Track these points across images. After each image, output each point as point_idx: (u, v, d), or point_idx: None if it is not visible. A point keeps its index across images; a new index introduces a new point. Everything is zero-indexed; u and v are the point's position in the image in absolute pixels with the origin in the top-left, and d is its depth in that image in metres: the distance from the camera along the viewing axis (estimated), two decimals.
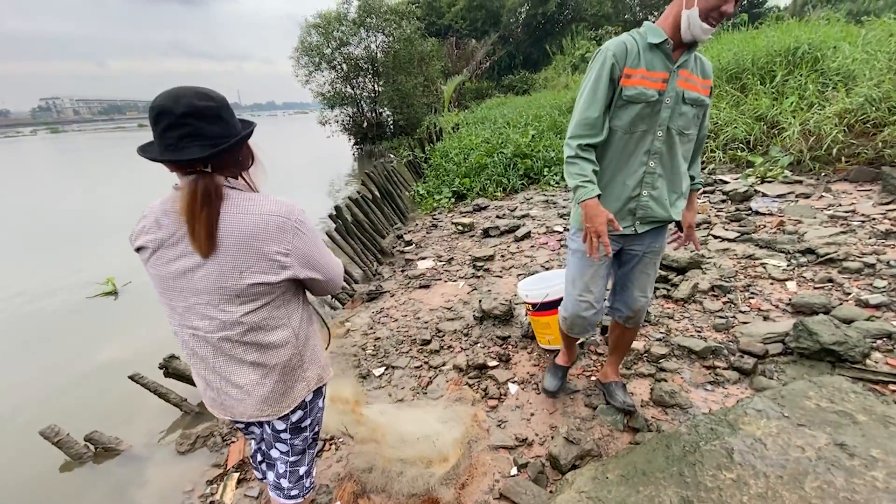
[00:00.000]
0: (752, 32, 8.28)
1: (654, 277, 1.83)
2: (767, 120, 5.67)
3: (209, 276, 1.03)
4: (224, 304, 1.05)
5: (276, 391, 1.16)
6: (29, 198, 12.57)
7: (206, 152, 0.97)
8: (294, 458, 1.33)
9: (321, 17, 15.74)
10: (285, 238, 1.04)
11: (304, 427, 1.30)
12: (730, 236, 3.65)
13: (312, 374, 1.23)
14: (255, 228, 1.01)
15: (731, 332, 2.48)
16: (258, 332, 1.09)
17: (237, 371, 1.12)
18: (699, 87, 1.52)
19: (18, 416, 3.09)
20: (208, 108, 0.98)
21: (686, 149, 1.60)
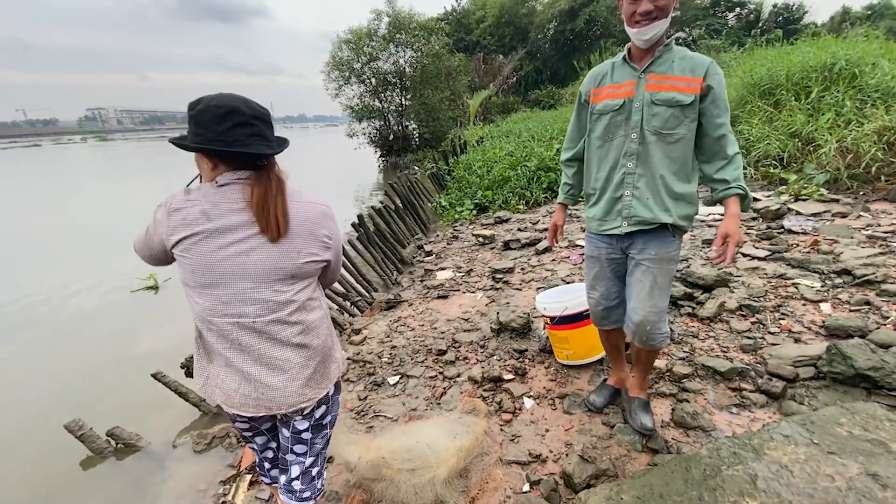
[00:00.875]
0: (786, 48, 8.08)
1: (657, 291, 1.67)
2: (802, 136, 5.49)
3: (268, 258, 1.11)
4: (278, 285, 1.13)
5: (318, 372, 1.22)
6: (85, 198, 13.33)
7: (274, 150, 1.13)
8: (310, 460, 1.35)
9: (352, 32, 16.21)
10: (328, 224, 1.21)
11: (325, 424, 1.33)
12: (760, 254, 3.52)
13: (339, 355, 1.32)
14: (309, 214, 1.16)
15: (759, 354, 2.37)
16: (303, 311, 1.18)
17: (283, 355, 1.16)
18: (680, 85, 1.52)
19: (52, 406, 3.22)
20: (267, 116, 1.14)
21: (672, 149, 1.58)
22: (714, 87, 1.51)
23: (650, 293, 1.69)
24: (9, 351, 4.25)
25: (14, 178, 21.27)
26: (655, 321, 1.70)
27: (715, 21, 21.44)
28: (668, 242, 1.67)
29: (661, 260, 1.67)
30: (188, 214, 1.09)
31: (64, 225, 9.82)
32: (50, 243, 8.24)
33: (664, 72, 1.55)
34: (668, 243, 1.67)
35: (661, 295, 1.70)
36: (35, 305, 5.27)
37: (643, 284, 1.69)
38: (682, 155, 1.59)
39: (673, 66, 1.54)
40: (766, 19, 22.44)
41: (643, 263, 1.69)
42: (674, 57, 1.55)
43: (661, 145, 1.59)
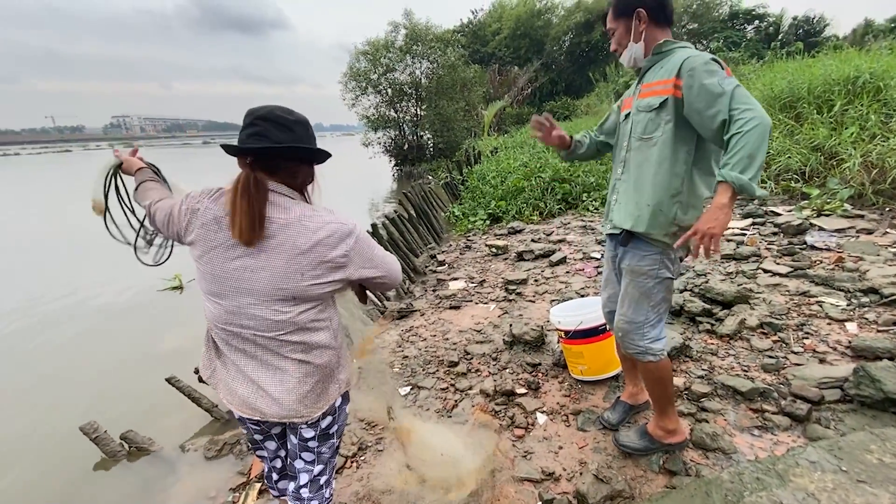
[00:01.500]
0: (807, 61, 7.96)
1: (627, 301, 1.68)
2: (825, 150, 5.37)
3: (271, 277, 1.08)
4: (278, 304, 1.11)
5: (315, 391, 1.20)
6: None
7: (256, 146, 1.06)
8: (318, 468, 1.35)
9: (370, 44, 16.48)
10: (344, 243, 1.12)
11: (331, 434, 1.33)
12: (781, 271, 3.43)
13: (344, 376, 1.29)
14: (323, 236, 1.09)
15: (781, 374, 2.29)
16: (305, 332, 1.15)
17: (281, 368, 1.16)
18: (657, 89, 1.50)
19: (71, 405, 3.30)
20: (283, 118, 1.09)
21: (649, 154, 1.53)
22: (686, 80, 1.40)
23: (622, 302, 1.72)
24: (32, 348, 4.36)
25: (54, 182, 22.19)
26: (627, 331, 1.71)
27: (733, 34, 21.26)
28: (642, 256, 1.63)
29: (631, 272, 1.67)
30: (204, 219, 1.11)
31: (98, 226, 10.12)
32: (84, 243, 8.56)
33: (651, 78, 1.55)
34: (642, 257, 1.63)
35: (631, 306, 1.68)
36: (61, 304, 5.48)
37: (623, 292, 1.73)
38: (658, 159, 1.51)
39: (660, 72, 1.52)
40: (785, 32, 22.19)
41: (623, 272, 1.72)
42: (667, 62, 1.50)
43: (642, 150, 1.57)
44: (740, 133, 1.28)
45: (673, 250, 1.59)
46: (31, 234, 9.74)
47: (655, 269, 1.62)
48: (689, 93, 1.40)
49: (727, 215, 1.31)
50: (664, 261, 1.62)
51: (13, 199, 16.03)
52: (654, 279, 1.63)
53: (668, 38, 1.55)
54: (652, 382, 1.77)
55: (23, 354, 4.32)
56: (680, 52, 1.48)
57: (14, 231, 10.13)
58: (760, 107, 1.30)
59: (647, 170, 1.55)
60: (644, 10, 1.51)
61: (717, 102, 1.33)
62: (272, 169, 1.11)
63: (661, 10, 1.52)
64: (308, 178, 1.18)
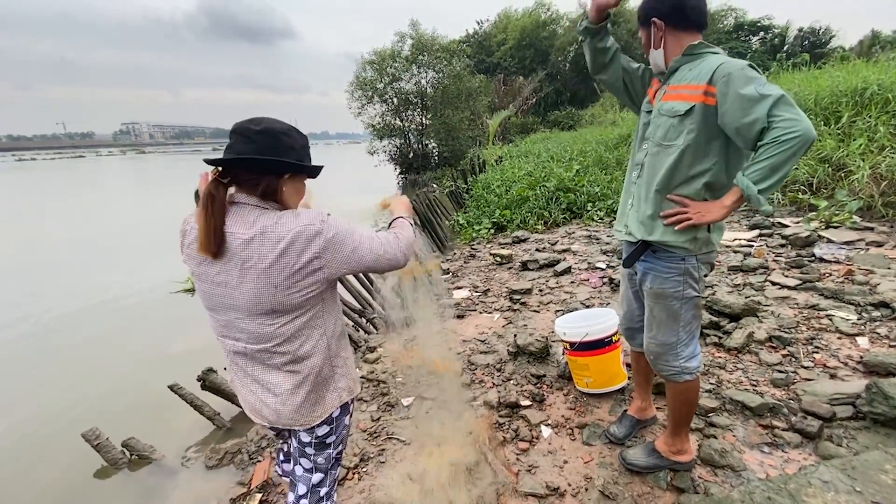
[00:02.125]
0: (814, 72, 7.95)
1: (654, 324, 1.62)
2: (832, 162, 5.34)
3: (249, 292, 1.07)
4: (261, 318, 1.11)
5: (309, 401, 1.20)
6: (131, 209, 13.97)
7: (212, 158, 1.07)
8: (316, 478, 1.33)
9: (376, 54, 16.65)
10: (314, 245, 1.08)
11: (328, 444, 1.31)
12: (790, 283, 3.38)
13: (343, 384, 1.27)
14: (281, 245, 1.05)
15: (791, 389, 2.25)
16: (291, 342, 1.14)
17: (273, 379, 1.18)
18: (683, 94, 1.42)
19: (75, 408, 3.33)
20: (247, 130, 1.08)
21: (665, 161, 1.46)
22: (721, 87, 1.32)
23: (649, 325, 1.66)
24: (41, 351, 4.41)
25: (75, 187, 22.94)
26: (659, 353, 1.65)
27: (738, 45, 21.32)
28: (665, 279, 1.54)
29: (655, 295, 1.59)
30: (189, 239, 1.13)
31: (128, 228, 10.83)
32: (102, 246, 8.98)
33: (679, 80, 1.47)
34: (665, 279, 1.54)
35: (660, 329, 1.62)
36: (72, 305, 5.62)
37: (649, 315, 1.66)
38: (673, 167, 1.45)
39: (688, 74, 1.43)
40: (791, 43, 22.23)
41: (645, 294, 1.65)
42: (698, 66, 1.42)
43: (660, 157, 1.50)
44: (774, 142, 1.21)
45: (696, 263, 1.52)
46: (51, 237, 10.06)
47: (680, 290, 1.54)
48: (723, 100, 1.31)
49: (722, 215, 1.36)
50: (687, 280, 1.54)
51: (33, 203, 16.38)
52: (681, 300, 1.56)
53: (700, 41, 1.47)
54: (680, 403, 1.71)
55: (30, 357, 4.36)
56: (713, 58, 1.39)
57: (30, 235, 10.32)
58: (806, 118, 1.21)
59: (665, 178, 1.48)
60: (659, 18, 1.46)
61: (755, 109, 1.24)
62: (236, 181, 1.10)
63: (679, 14, 1.45)
64: (272, 187, 1.11)
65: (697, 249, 1.50)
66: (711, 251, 1.56)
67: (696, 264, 1.53)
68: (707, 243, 1.52)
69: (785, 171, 1.23)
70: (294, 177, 1.15)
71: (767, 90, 1.24)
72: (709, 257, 1.57)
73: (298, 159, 1.13)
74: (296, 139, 1.13)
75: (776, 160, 1.21)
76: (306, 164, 1.15)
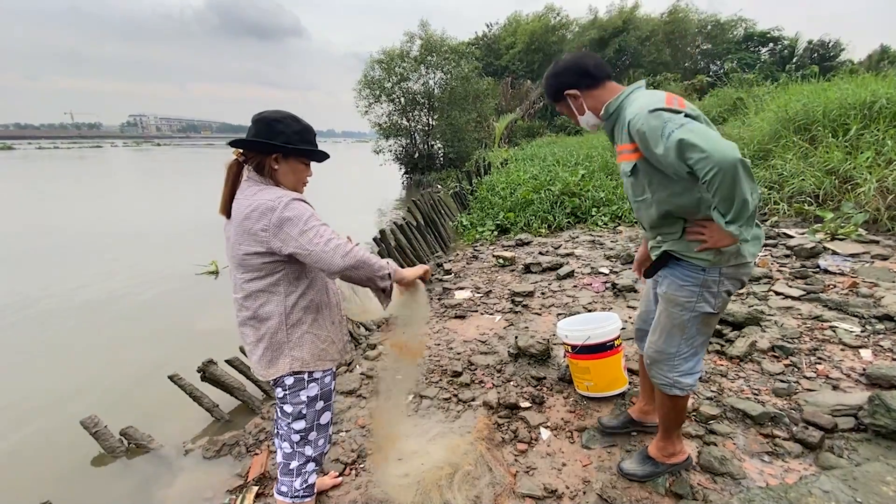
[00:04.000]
0: (823, 84, 7.93)
1: (658, 330, 1.60)
2: (839, 174, 5.32)
3: (231, 246, 1.33)
4: (235, 271, 1.36)
5: (265, 357, 1.39)
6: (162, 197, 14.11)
7: (230, 140, 1.34)
8: (286, 447, 1.49)
9: (385, 53, 16.68)
10: (266, 218, 1.25)
11: (287, 412, 1.45)
12: (794, 294, 3.37)
13: (298, 354, 1.39)
14: (249, 210, 1.26)
15: (793, 399, 2.24)
16: (253, 299, 1.34)
17: (244, 330, 1.41)
18: (625, 153, 1.43)
19: (82, 392, 3.39)
20: (253, 118, 1.35)
21: (652, 212, 1.47)
22: (640, 144, 1.33)
23: (654, 328, 1.64)
24: (56, 334, 4.50)
25: (104, 177, 23.57)
26: (656, 360, 1.63)
27: (748, 55, 21.30)
28: (680, 286, 1.49)
29: (666, 300, 1.56)
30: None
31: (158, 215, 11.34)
32: (137, 233, 9.23)
33: (617, 141, 1.48)
34: (680, 286, 1.50)
35: (662, 335, 1.59)
36: (102, 286, 5.89)
37: (656, 318, 1.65)
38: (660, 216, 1.46)
39: (619, 134, 1.45)
40: (800, 55, 22.20)
41: (659, 297, 1.63)
42: (620, 122, 1.43)
43: (643, 210, 1.52)
44: (705, 183, 1.21)
45: (718, 277, 1.44)
46: (77, 223, 10.29)
47: (693, 301, 1.48)
48: (648, 156, 1.34)
49: (730, 241, 1.33)
50: (703, 293, 1.46)
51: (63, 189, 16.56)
52: (691, 312, 1.50)
53: (612, 97, 1.47)
54: (668, 410, 1.70)
55: (47, 341, 4.43)
56: (625, 114, 1.39)
57: (58, 222, 10.50)
58: (716, 144, 1.16)
59: (657, 223, 1.50)
60: (569, 90, 1.51)
61: (671, 162, 1.24)
62: (247, 159, 1.35)
63: (586, 77, 1.49)
64: (262, 164, 1.34)
65: (724, 261, 1.42)
66: (742, 264, 1.45)
67: (718, 278, 1.45)
68: (736, 255, 1.42)
69: (739, 199, 1.19)
70: (286, 158, 1.35)
71: (671, 140, 1.21)
72: (737, 272, 1.46)
73: (286, 142, 1.32)
74: (288, 125, 1.33)
75: (721, 195, 1.20)
76: (291, 147, 1.33)
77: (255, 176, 1.33)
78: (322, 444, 1.53)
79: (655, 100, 1.30)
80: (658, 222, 1.50)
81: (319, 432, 1.50)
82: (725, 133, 7.79)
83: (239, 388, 2.81)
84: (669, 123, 1.22)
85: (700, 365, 1.61)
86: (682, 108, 1.28)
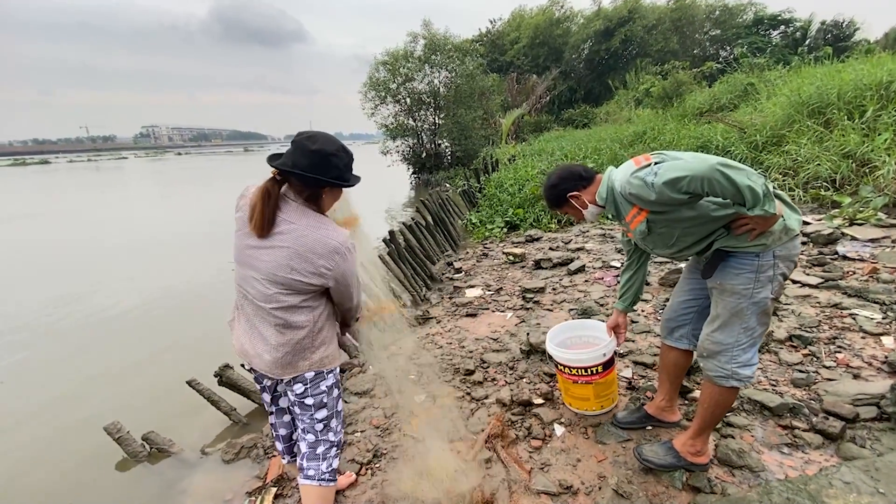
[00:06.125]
0: (837, 66, 7.74)
1: (717, 322, 1.57)
2: (856, 157, 5.19)
3: (269, 263, 1.35)
4: (270, 284, 1.38)
5: (285, 360, 1.44)
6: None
7: (275, 163, 1.35)
8: (310, 437, 1.56)
9: (389, 54, 16.69)
10: (333, 259, 1.36)
11: (308, 405, 1.53)
12: (811, 281, 3.30)
13: (318, 357, 1.49)
14: (314, 243, 1.33)
15: (812, 390, 2.20)
16: (287, 311, 1.40)
17: (267, 332, 1.44)
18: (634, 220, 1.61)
19: (104, 399, 3.45)
20: (304, 146, 1.33)
21: (688, 240, 1.61)
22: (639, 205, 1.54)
23: (710, 322, 1.62)
24: (80, 338, 4.57)
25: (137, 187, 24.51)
26: (714, 352, 1.59)
27: (758, 39, 20.85)
28: (736, 274, 1.50)
29: (721, 290, 1.55)
30: (243, 207, 1.40)
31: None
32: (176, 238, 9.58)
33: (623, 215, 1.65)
34: (736, 275, 1.50)
35: (721, 328, 1.57)
36: (130, 292, 6.06)
37: (711, 310, 1.63)
38: (698, 250, 1.60)
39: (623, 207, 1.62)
40: (813, 37, 21.65)
41: (711, 288, 1.62)
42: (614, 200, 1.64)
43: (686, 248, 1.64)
44: (707, 194, 1.38)
45: (773, 260, 1.47)
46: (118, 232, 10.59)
47: (750, 288, 1.49)
48: (650, 208, 1.51)
49: (772, 220, 1.39)
50: (760, 278, 1.48)
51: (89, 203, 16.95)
52: (749, 299, 1.50)
53: (598, 188, 1.68)
54: (713, 406, 1.66)
55: (69, 345, 4.56)
56: (615, 189, 1.61)
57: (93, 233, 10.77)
58: (689, 164, 1.34)
59: (703, 247, 1.59)
60: (571, 192, 1.73)
61: (667, 199, 1.41)
62: (288, 182, 1.38)
63: (581, 179, 1.73)
64: (315, 195, 1.39)
65: (777, 241, 1.45)
66: (792, 241, 1.48)
67: (773, 261, 1.46)
68: (785, 231, 1.45)
69: (742, 188, 1.29)
70: (333, 188, 1.42)
71: (656, 187, 1.41)
72: (790, 252, 1.48)
73: (338, 176, 1.36)
74: (341, 158, 1.37)
75: (727, 194, 1.33)
76: (345, 182, 1.40)
77: (298, 200, 1.38)
78: (340, 430, 1.64)
79: (628, 168, 1.56)
80: (704, 242, 1.56)
81: (338, 419, 1.62)
82: (736, 120, 7.64)
83: (255, 391, 2.85)
84: (647, 177, 1.43)
85: (757, 357, 1.59)
86: (648, 161, 1.50)
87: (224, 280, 6.31)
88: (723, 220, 1.47)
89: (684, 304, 1.84)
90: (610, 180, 1.64)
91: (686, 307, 1.84)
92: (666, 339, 1.93)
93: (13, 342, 4.66)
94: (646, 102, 15.71)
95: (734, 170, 1.30)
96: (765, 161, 6.19)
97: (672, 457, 1.80)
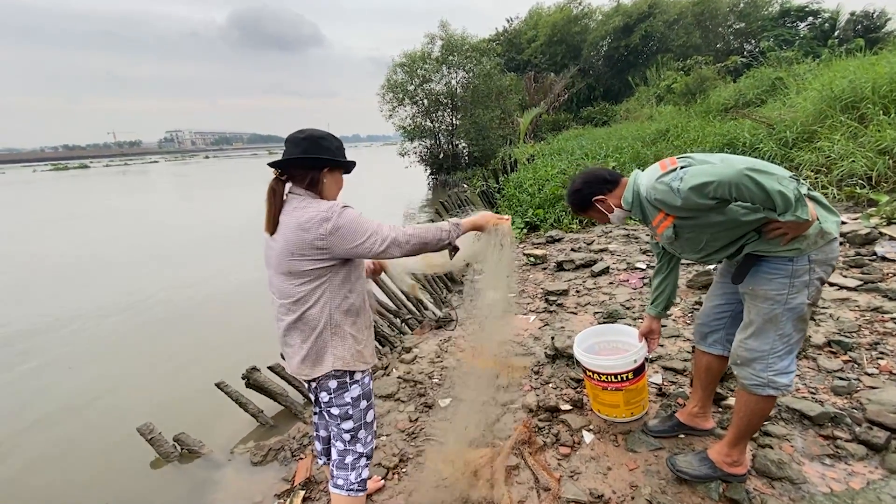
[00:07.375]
0: (869, 58, 7.44)
1: (750, 329, 1.52)
2: (893, 154, 4.98)
3: (277, 255, 1.41)
4: (283, 277, 1.42)
5: (310, 357, 1.46)
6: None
7: (270, 162, 1.42)
8: (340, 446, 1.57)
9: (407, 56, 16.77)
10: (322, 227, 1.35)
11: (334, 415, 1.53)
12: (849, 284, 3.17)
13: (341, 353, 1.47)
14: (303, 221, 1.36)
15: (854, 398, 2.11)
16: (301, 303, 1.42)
17: (290, 332, 1.47)
18: (662, 225, 1.58)
19: (141, 400, 3.58)
20: (295, 138, 1.44)
21: (718, 244, 1.57)
22: (664, 207, 1.51)
23: (743, 328, 1.56)
24: (125, 341, 4.78)
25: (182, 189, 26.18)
26: (748, 359, 1.54)
27: (785, 31, 20.21)
28: (769, 279, 1.45)
29: (754, 296, 1.50)
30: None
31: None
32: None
33: (650, 219, 1.62)
34: (769, 280, 1.45)
35: (755, 335, 1.51)
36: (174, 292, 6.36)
37: (744, 316, 1.58)
38: (730, 252, 1.56)
39: (649, 212, 1.60)
40: (842, 28, 20.86)
41: (743, 294, 1.57)
42: (641, 205, 1.61)
43: (715, 252, 1.62)
44: (737, 199, 1.33)
45: (808, 264, 1.41)
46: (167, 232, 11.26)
47: (784, 293, 1.44)
48: (676, 213, 1.50)
49: (805, 225, 1.34)
50: (794, 283, 1.42)
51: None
52: (784, 305, 1.44)
53: (624, 191, 1.65)
54: (749, 415, 1.60)
55: (113, 345, 4.77)
56: (639, 197, 1.59)
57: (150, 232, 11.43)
58: (717, 169, 1.30)
59: (732, 250, 1.56)
60: (597, 196, 1.71)
61: (693, 204, 1.39)
62: (290, 176, 1.45)
63: (606, 183, 1.71)
64: (316, 178, 1.44)
65: (813, 246, 1.40)
66: (830, 243, 1.41)
67: (808, 265, 1.41)
68: (822, 235, 1.39)
69: (773, 193, 1.25)
70: (332, 171, 1.47)
71: (682, 193, 1.38)
72: (827, 255, 1.42)
73: (333, 156, 1.45)
74: (331, 142, 1.47)
75: (757, 199, 1.29)
76: (340, 160, 1.48)
77: (300, 191, 1.44)
78: (371, 441, 1.62)
79: (654, 172, 1.53)
80: (733, 246, 1.52)
81: (367, 430, 1.59)
82: (764, 116, 7.42)
83: (282, 393, 2.89)
84: (673, 183, 1.41)
85: (795, 364, 1.53)
86: (674, 165, 1.47)
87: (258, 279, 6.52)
88: (753, 225, 1.43)
89: (717, 309, 1.80)
90: (636, 185, 1.61)
91: (719, 311, 1.79)
92: (699, 345, 1.88)
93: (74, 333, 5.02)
94: (667, 99, 15.38)
95: (764, 174, 1.25)
96: (796, 158, 5.99)
97: (707, 467, 1.75)
